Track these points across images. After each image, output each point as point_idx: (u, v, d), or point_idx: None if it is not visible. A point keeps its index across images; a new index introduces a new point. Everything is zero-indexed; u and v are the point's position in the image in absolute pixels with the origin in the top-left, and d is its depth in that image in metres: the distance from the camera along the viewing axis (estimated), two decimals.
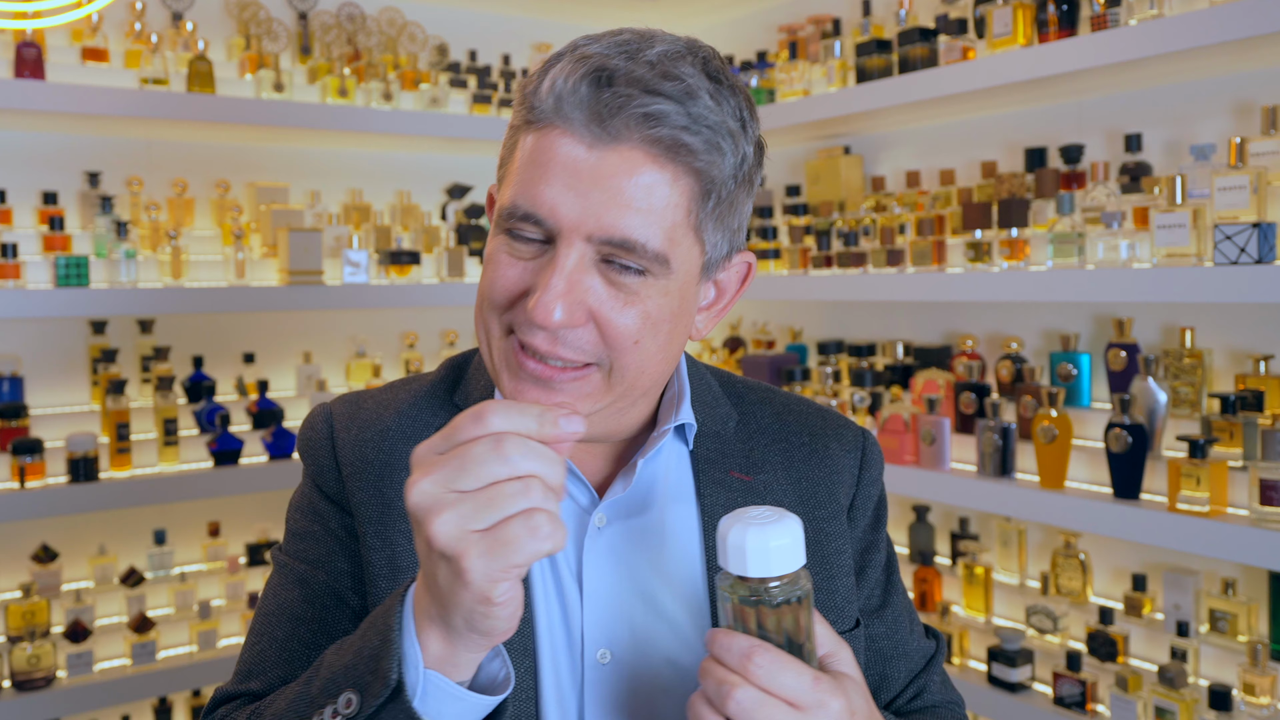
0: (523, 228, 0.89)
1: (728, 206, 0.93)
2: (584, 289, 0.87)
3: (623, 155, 0.86)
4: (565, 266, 0.87)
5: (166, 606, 2.60)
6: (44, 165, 2.60)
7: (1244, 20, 1.72)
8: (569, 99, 0.86)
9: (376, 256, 2.80)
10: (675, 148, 0.86)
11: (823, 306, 2.95)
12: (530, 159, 0.89)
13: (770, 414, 1.10)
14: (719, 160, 0.89)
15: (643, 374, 0.92)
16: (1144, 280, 1.87)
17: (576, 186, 0.86)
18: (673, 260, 0.90)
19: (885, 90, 2.38)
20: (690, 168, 0.88)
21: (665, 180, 0.87)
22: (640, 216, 0.86)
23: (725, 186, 0.91)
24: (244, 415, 2.69)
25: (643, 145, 0.86)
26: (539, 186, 0.87)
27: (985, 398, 2.28)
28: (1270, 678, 1.83)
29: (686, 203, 0.89)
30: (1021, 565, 2.36)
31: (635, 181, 0.86)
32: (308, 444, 1.06)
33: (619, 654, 0.95)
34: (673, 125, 0.86)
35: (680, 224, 0.89)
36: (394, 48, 3.01)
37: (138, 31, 2.59)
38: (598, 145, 0.86)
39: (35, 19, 2.21)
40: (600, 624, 0.95)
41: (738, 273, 1.01)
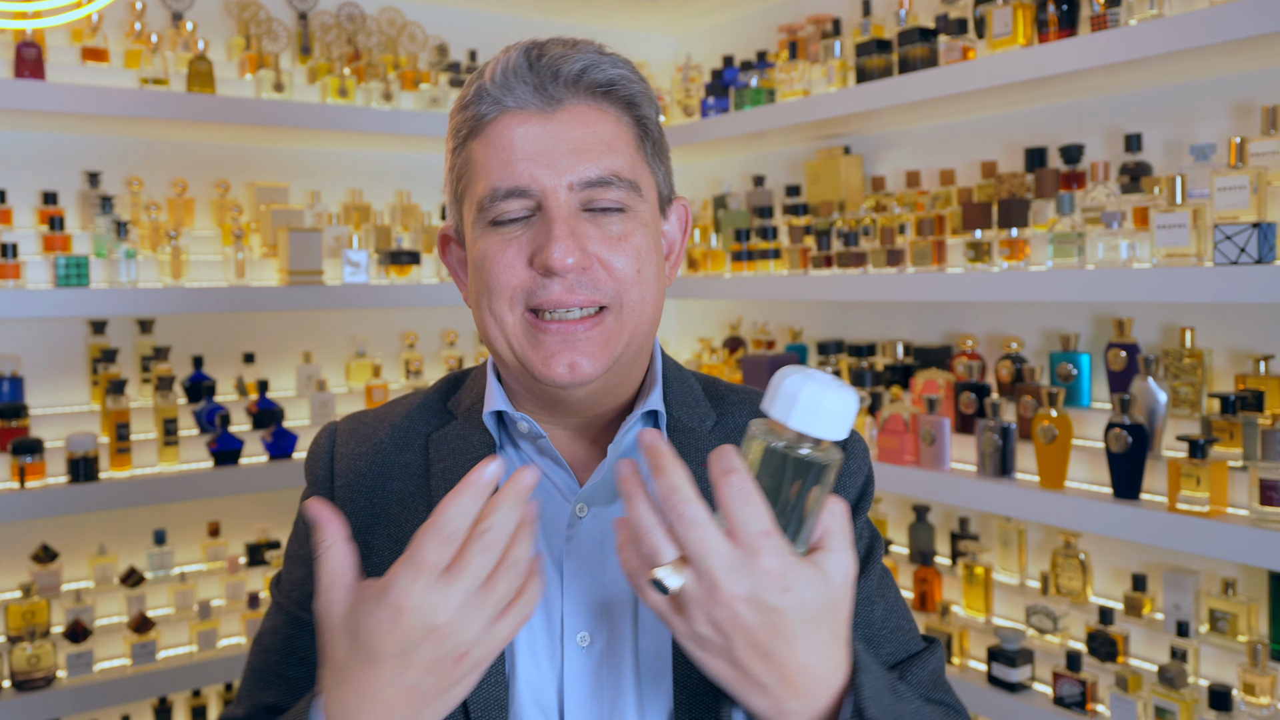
0: (507, 207, 0.98)
1: (661, 147, 1.07)
2: (582, 234, 0.97)
3: (572, 112, 0.99)
4: (562, 215, 0.97)
5: (166, 606, 2.60)
6: (44, 165, 2.60)
7: (1244, 20, 1.72)
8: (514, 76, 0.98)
9: (376, 256, 2.80)
10: (610, 92, 1.01)
11: (823, 306, 2.95)
12: (493, 151, 0.99)
13: (748, 414, 1.12)
14: (644, 102, 1.04)
15: (646, 307, 1.01)
16: (1144, 280, 1.87)
17: (544, 151, 0.97)
18: (642, 186, 1.02)
19: (885, 90, 2.38)
20: (625, 107, 1.02)
21: (611, 120, 1.01)
22: (606, 154, 0.99)
23: (655, 125, 1.05)
24: (244, 415, 2.69)
25: (585, 98, 1.00)
26: (511, 165, 0.98)
27: (985, 398, 2.28)
28: (1270, 678, 1.83)
29: (632, 137, 1.03)
30: (1021, 565, 2.36)
31: (590, 130, 0.99)
32: (310, 457, 1.13)
33: (598, 638, 0.98)
34: (604, 73, 1.00)
35: (635, 155, 1.02)
36: (394, 48, 3.01)
37: (138, 31, 2.59)
38: (548, 111, 0.98)
39: (35, 19, 2.21)
40: (580, 608, 0.99)
41: (679, 219, 1.12)
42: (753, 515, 0.74)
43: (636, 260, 1.00)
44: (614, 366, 1.00)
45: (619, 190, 0.99)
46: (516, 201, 0.98)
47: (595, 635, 0.98)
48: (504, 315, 0.99)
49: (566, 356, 0.97)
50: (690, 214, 1.14)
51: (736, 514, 0.74)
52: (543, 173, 0.97)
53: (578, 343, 0.97)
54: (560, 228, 0.96)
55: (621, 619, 0.99)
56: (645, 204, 1.03)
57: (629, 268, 0.99)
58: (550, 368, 0.97)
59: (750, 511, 0.74)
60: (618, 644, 0.98)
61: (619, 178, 0.99)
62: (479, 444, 1.07)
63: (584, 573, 1.00)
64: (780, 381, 0.76)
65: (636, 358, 1.04)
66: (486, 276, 1.00)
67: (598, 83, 1.00)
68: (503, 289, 0.98)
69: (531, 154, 0.97)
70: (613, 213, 0.99)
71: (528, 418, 1.03)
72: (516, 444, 1.08)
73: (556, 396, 1.02)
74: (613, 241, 0.99)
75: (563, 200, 0.97)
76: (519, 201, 0.98)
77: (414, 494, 1.06)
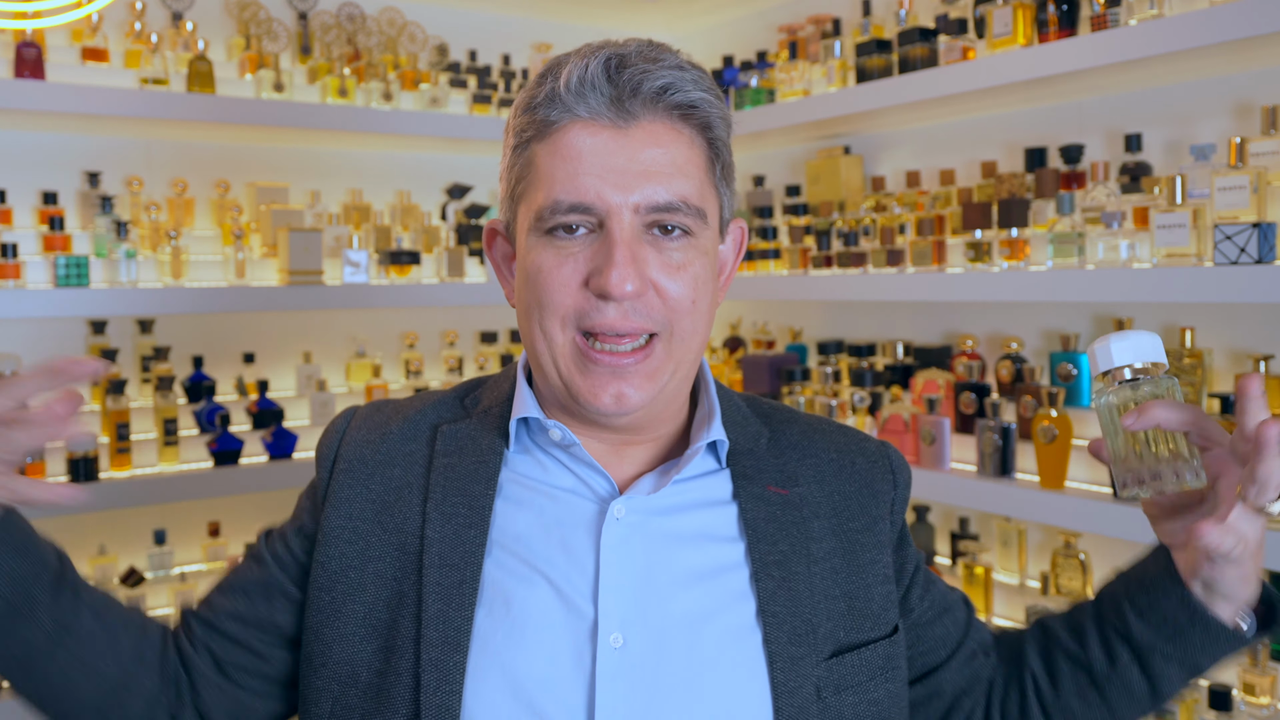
0: (569, 220, 0.95)
1: (728, 170, 1.05)
2: (642, 260, 0.96)
3: (646, 130, 0.96)
4: (624, 239, 0.95)
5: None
6: (44, 165, 2.60)
7: (1244, 20, 1.72)
8: (590, 87, 0.95)
9: (376, 256, 2.80)
10: (688, 113, 0.98)
11: (823, 306, 2.95)
12: (559, 160, 0.96)
13: (798, 431, 1.14)
14: (719, 122, 1.01)
15: (695, 336, 1.00)
16: (1144, 280, 1.87)
17: (613, 168, 0.94)
18: (708, 213, 1.00)
19: (885, 90, 2.38)
20: (700, 129, 0.99)
21: (685, 143, 0.98)
22: (677, 178, 0.96)
23: (725, 147, 1.03)
24: (244, 415, 2.69)
25: (662, 117, 0.97)
26: (578, 178, 0.95)
27: (985, 398, 2.28)
28: (1270, 678, 1.83)
29: (704, 161, 1.00)
30: (1021, 565, 2.36)
31: (664, 151, 0.96)
32: (323, 435, 1.14)
33: (632, 639, 0.96)
34: (684, 93, 0.97)
35: (705, 180, 1.00)
36: (394, 48, 3.01)
37: (138, 31, 2.59)
38: (622, 126, 0.95)
39: (35, 19, 2.21)
40: (615, 608, 0.96)
41: (734, 240, 1.11)
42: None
43: (693, 290, 0.98)
44: (660, 396, 1.00)
45: (685, 216, 0.97)
46: (578, 216, 0.96)
47: (629, 636, 0.96)
48: (555, 334, 0.98)
49: (614, 388, 0.97)
50: (746, 235, 1.13)
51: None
52: (610, 191, 0.94)
53: (626, 375, 0.97)
54: (622, 252, 0.94)
55: (657, 621, 0.97)
56: (708, 230, 1.01)
57: (685, 297, 0.98)
58: (597, 398, 0.97)
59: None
60: (654, 648, 0.96)
61: (687, 204, 0.97)
62: (488, 445, 1.06)
63: (621, 573, 0.98)
64: (1102, 345, 0.94)
65: (682, 384, 1.04)
66: (540, 292, 0.98)
67: (678, 105, 0.97)
68: (556, 308, 0.97)
69: (600, 169, 0.95)
70: (676, 238, 0.98)
71: (561, 425, 1.02)
72: (546, 450, 1.06)
73: (597, 423, 1.02)
74: (672, 270, 0.97)
75: (626, 223, 0.95)
76: (580, 217, 0.96)
77: (412, 483, 1.05)
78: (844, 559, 1.06)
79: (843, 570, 1.05)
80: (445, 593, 0.98)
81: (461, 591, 0.98)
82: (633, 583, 0.98)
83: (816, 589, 1.02)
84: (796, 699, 0.97)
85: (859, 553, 1.07)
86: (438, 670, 0.95)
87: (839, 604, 1.04)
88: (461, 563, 0.99)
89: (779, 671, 0.97)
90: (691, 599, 0.99)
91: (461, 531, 1.01)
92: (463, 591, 0.98)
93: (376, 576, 1.02)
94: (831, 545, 1.06)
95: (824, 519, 1.07)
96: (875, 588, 1.06)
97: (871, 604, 1.06)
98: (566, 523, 1.01)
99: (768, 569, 1.01)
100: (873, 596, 1.06)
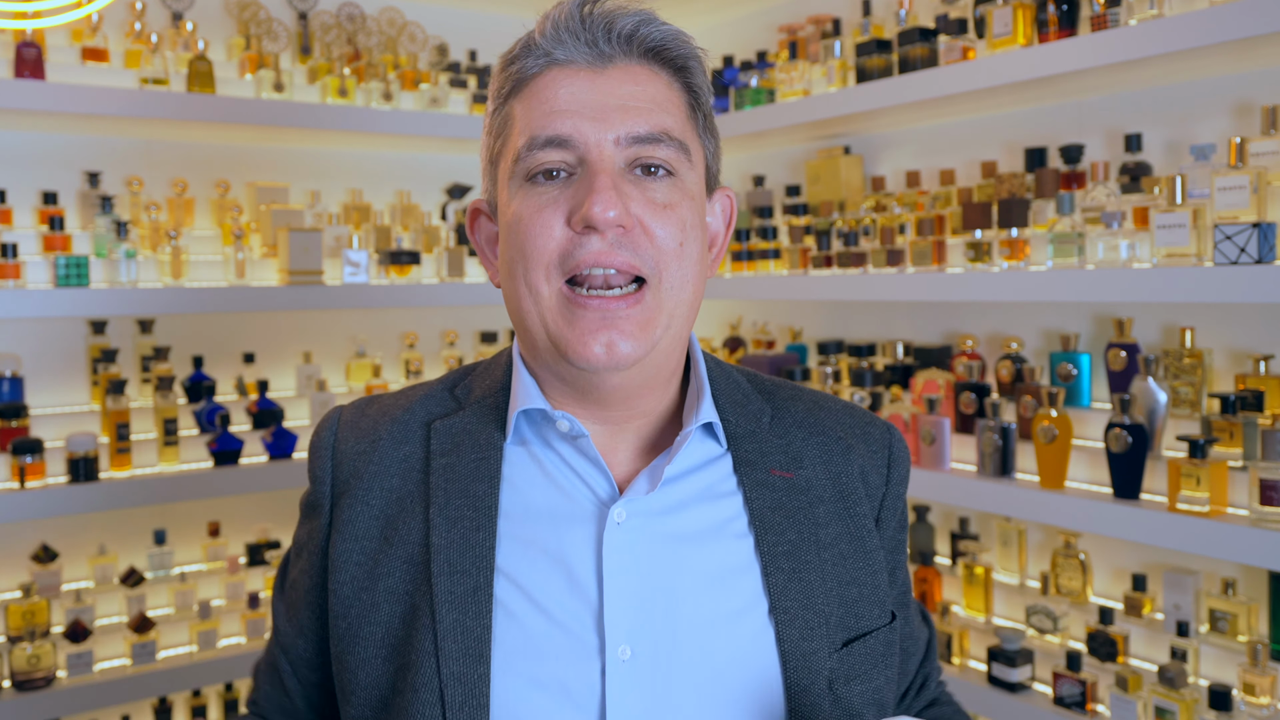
0: (546, 157, 0.93)
1: (710, 120, 1.03)
2: (625, 194, 0.92)
3: (622, 69, 0.95)
4: (606, 168, 0.93)
5: (166, 606, 2.60)
6: (44, 165, 2.60)
7: (1244, 20, 1.72)
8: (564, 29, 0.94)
9: (376, 256, 2.80)
10: (663, 52, 0.97)
11: (823, 306, 2.95)
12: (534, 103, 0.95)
13: (803, 408, 1.10)
14: (698, 70, 1.00)
15: (685, 287, 0.96)
16: (1144, 280, 1.87)
17: (591, 104, 0.93)
18: (691, 151, 0.97)
19: (885, 90, 2.38)
20: (678, 71, 0.99)
21: (663, 83, 0.97)
22: (656, 111, 0.95)
23: (705, 98, 1.01)
24: (244, 415, 2.69)
25: (637, 57, 0.96)
26: (554, 116, 0.93)
27: (985, 398, 2.28)
28: (1270, 678, 1.83)
29: (684, 104, 0.99)
30: (1021, 565, 2.36)
31: (641, 88, 0.95)
32: (312, 453, 1.08)
33: (640, 650, 0.92)
34: (659, 35, 0.96)
35: (685, 120, 0.98)
36: (394, 48, 3.01)
37: (138, 31, 2.59)
38: (598, 67, 0.95)
39: (35, 19, 2.20)
40: (622, 620, 0.93)
41: (723, 210, 1.07)
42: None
43: (680, 232, 0.94)
44: (652, 353, 0.95)
45: (668, 149, 0.94)
46: (556, 152, 0.93)
47: (637, 647, 0.93)
48: (540, 286, 0.93)
49: (604, 335, 0.91)
50: (735, 206, 1.09)
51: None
52: (587, 125, 0.92)
53: (616, 320, 0.92)
54: (603, 179, 0.90)
55: (665, 630, 0.93)
56: (694, 174, 0.98)
57: (671, 238, 0.93)
58: (586, 346, 0.91)
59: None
60: (663, 657, 0.93)
61: (669, 136, 0.94)
62: (486, 439, 1.01)
63: (625, 583, 0.94)
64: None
65: (674, 346, 0.98)
66: (521, 240, 0.94)
67: (652, 40, 0.96)
68: (539, 254, 0.92)
69: (577, 107, 0.92)
70: (660, 177, 0.94)
71: (570, 416, 0.97)
72: (549, 442, 1.01)
73: (590, 384, 0.96)
74: (657, 208, 0.93)
75: (608, 154, 0.92)
76: (558, 153, 0.93)
77: (412, 491, 1.00)
78: (851, 544, 1.03)
79: (850, 555, 1.03)
80: (459, 601, 0.93)
81: (477, 599, 0.93)
82: (637, 592, 0.94)
83: (828, 576, 1.00)
84: (810, 696, 0.94)
85: (864, 538, 1.04)
86: (462, 684, 0.91)
87: (850, 590, 1.01)
88: (473, 568, 0.95)
89: (792, 671, 0.95)
90: (699, 603, 0.95)
91: (469, 535, 0.96)
92: (478, 599, 0.93)
93: (389, 593, 0.97)
94: (838, 530, 1.03)
95: (829, 503, 1.04)
96: (879, 574, 1.04)
97: (878, 590, 1.03)
98: (567, 530, 0.96)
99: (777, 561, 0.98)
100: (878, 584, 1.04)
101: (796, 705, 0.94)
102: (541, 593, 0.94)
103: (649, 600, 0.94)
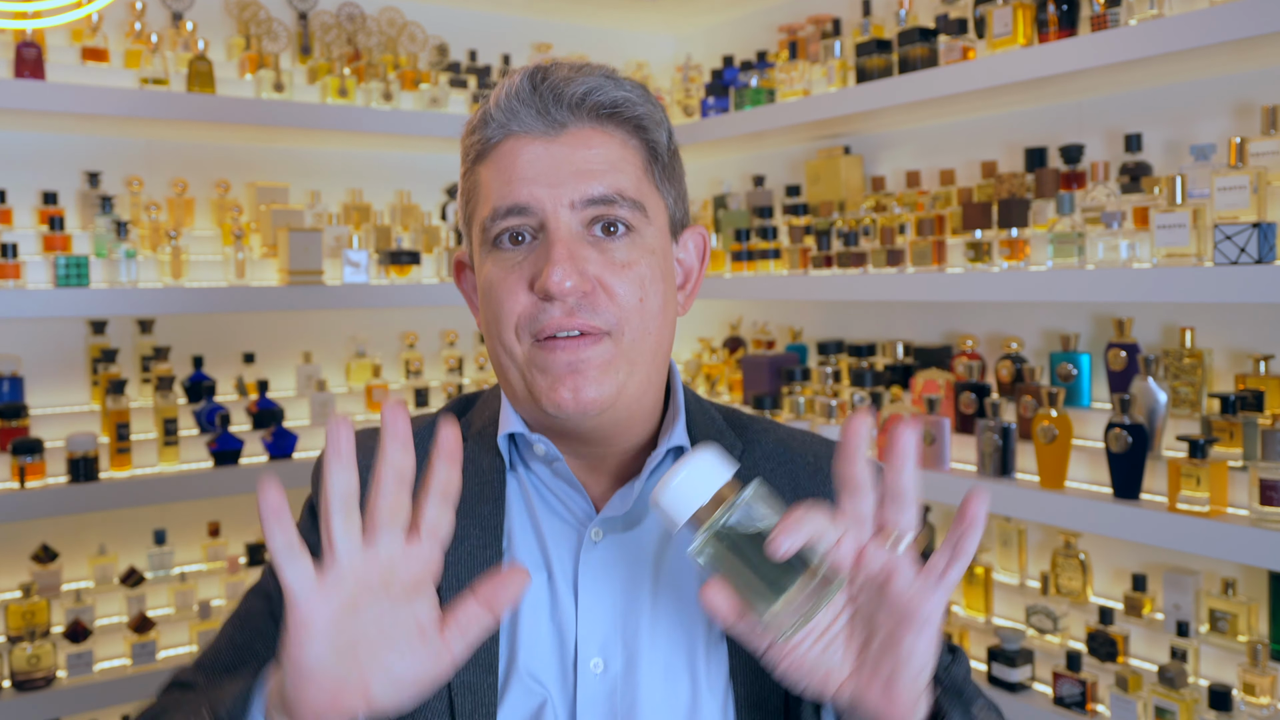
0: (509, 224, 0.97)
1: (672, 171, 1.05)
2: (583, 258, 0.95)
3: (575, 135, 0.98)
4: (562, 236, 0.95)
5: (166, 606, 2.60)
6: (44, 165, 2.60)
7: (1244, 20, 1.72)
8: (517, 100, 0.98)
9: (376, 256, 2.80)
10: (615, 115, 0.99)
11: (823, 306, 2.95)
12: (496, 172, 0.99)
13: (774, 440, 1.13)
14: (652, 125, 1.02)
15: (647, 338, 0.99)
16: (1144, 280, 1.87)
17: (546, 170, 0.96)
18: (649, 208, 1.00)
19: (885, 90, 2.38)
20: (632, 130, 1.00)
21: (617, 143, 0.99)
22: (610, 173, 0.97)
23: (664, 149, 1.03)
24: (244, 415, 2.69)
25: (589, 121, 0.98)
26: (513, 185, 0.97)
27: (985, 398, 2.27)
28: (1270, 678, 1.83)
29: (640, 160, 1.01)
30: (1021, 565, 2.36)
31: (594, 151, 0.98)
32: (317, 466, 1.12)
33: (612, 663, 0.98)
34: (608, 96, 0.98)
35: (642, 177, 1.00)
36: (394, 48, 3.01)
37: (138, 31, 2.59)
38: (552, 133, 0.97)
39: (35, 19, 2.21)
40: (595, 634, 0.98)
41: (695, 247, 1.10)
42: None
43: (639, 289, 0.97)
44: (621, 398, 0.98)
45: (624, 209, 0.97)
46: (516, 219, 0.97)
47: (610, 661, 0.98)
48: (513, 346, 0.98)
49: (570, 382, 0.95)
50: (709, 242, 1.12)
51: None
52: (543, 192, 0.96)
53: (580, 367, 0.95)
54: (559, 250, 0.94)
55: (636, 645, 0.98)
56: (652, 228, 1.01)
57: (630, 296, 0.97)
58: (555, 392, 0.95)
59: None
60: (633, 670, 0.98)
61: (623, 196, 0.97)
62: (489, 467, 1.06)
63: (599, 598, 1.00)
64: (667, 498, 0.82)
65: (645, 389, 1.02)
66: (493, 304, 0.98)
67: (602, 105, 0.98)
68: (508, 317, 0.97)
69: (533, 175, 0.96)
70: (619, 236, 0.98)
71: (545, 439, 1.02)
72: (530, 467, 1.06)
73: (565, 428, 1.00)
74: (616, 268, 0.97)
75: (563, 221, 0.96)
76: (518, 220, 0.96)
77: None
78: None
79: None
80: None
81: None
82: (610, 607, 0.99)
83: None
84: (762, 711, 0.98)
85: None
86: (472, 693, 0.96)
87: None
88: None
89: (740, 685, 0.98)
90: (667, 618, 1.00)
91: (476, 553, 1.01)
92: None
93: None
94: None
95: None
96: None
97: None
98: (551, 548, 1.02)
99: None
100: None
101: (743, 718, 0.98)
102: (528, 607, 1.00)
103: (621, 616, 0.99)
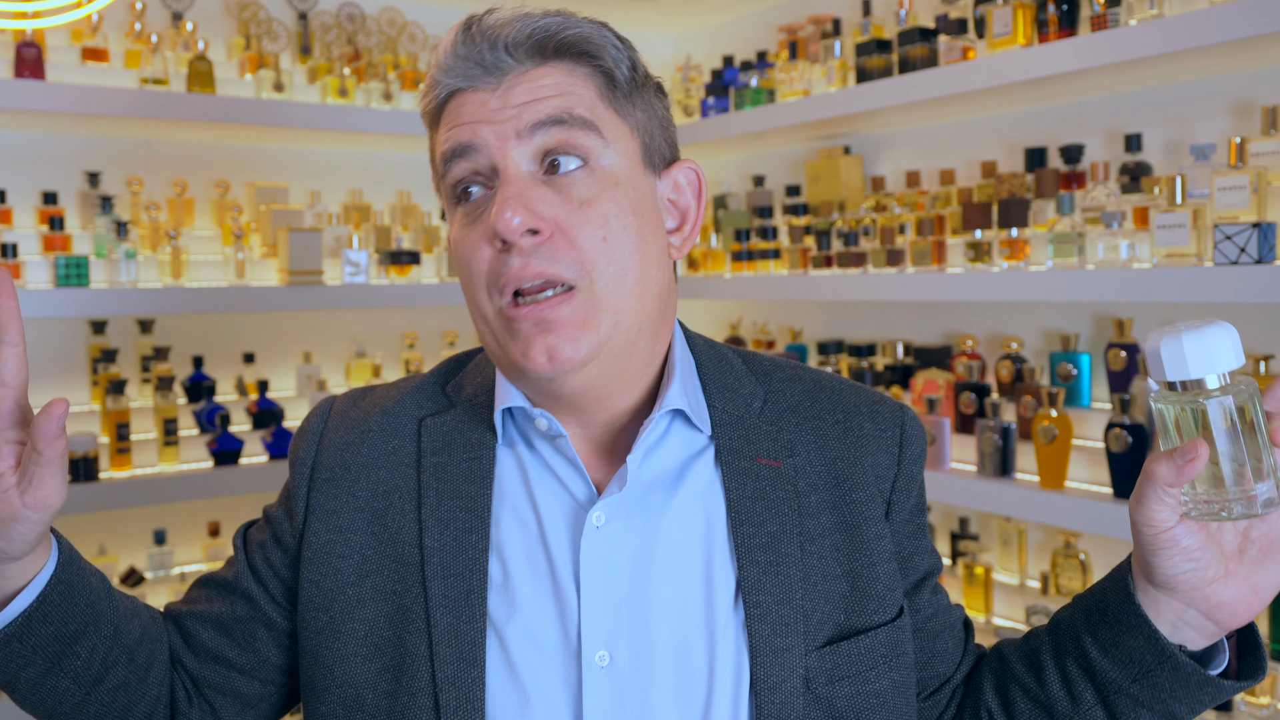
0: (461, 172, 0.92)
1: (639, 95, 0.97)
2: (535, 197, 0.89)
3: (517, 76, 0.92)
4: (510, 175, 0.90)
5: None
6: (44, 165, 2.60)
7: (1244, 20, 1.72)
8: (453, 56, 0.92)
9: (376, 256, 2.80)
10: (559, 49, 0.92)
11: (823, 306, 2.95)
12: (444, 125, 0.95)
13: (800, 391, 1.05)
14: (602, 53, 0.94)
15: (623, 282, 0.90)
16: (1144, 280, 1.87)
17: (491, 109, 0.91)
18: (605, 131, 0.92)
19: (885, 90, 2.38)
20: (578, 58, 0.93)
21: (562, 72, 0.92)
22: (557, 98, 0.91)
23: (623, 74, 0.95)
24: (244, 415, 2.69)
25: (530, 60, 0.92)
26: (458, 129, 0.92)
27: (985, 398, 2.28)
28: (1270, 678, 1.83)
29: (593, 85, 0.93)
30: (1021, 565, 2.36)
31: (537, 83, 0.91)
32: (299, 435, 1.08)
33: (618, 656, 0.91)
34: (545, 30, 0.92)
35: (595, 100, 0.93)
36: (394, 48, 3.01)
37: (138, 31, 2.59)
38: (493, 80, 0.92)
39: (35, 19, 2.21)
40: (599, 625, 0.91)
41: (689, 184, 1.01)
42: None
43: (602, 228, 0.89)
44: (605, 351, 0.91)
45: (575, 131, 0.90)
46: (465, 163, 0.91)
47: (615, 653, 0.91)
48: (485, 307, 0.92)
49: (542, 343, 0.88)
50: (703, 178, 1.02)
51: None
52: (486, 129, 0.90)
53: (553, 325, 0.88)
54: (508, 189, 0.88)
55: (644, 635, 0.92)
56: (614, 155, 0.93)
57: (592, 237, 0.89)
58: (529, 358, 0.89)
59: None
60: (641, 662, 0.91)
61: (571, 115, 0.90)
62: (477, 439, 0.99)
63: (603, 587, 0.92)
64: (1160, 347, 0.82)
65: (634, 341, 0.93)
66: (461, 264, 0.94)
67: (541, 43, 0.92)
68: (477, 275, 0.92)
69: (477, 116, 0.91)
70: (574, 172, 0.90)
71: (547, 414, 0.95)
72: (531, 442, 0.99)
73: (551, 391, 0.93)
74: (574, 208, 0.89)
75: (512, 158, 0.90)
76: (468, 163, 0.91)
77: (401, 486, 1.00)
78: (846, 534, 0.98)
79: (844, 547, 0.98)
80: (454, 605, 0.93)
81: (470, 603, 0.93)
82: (615, 597, 0.92)
83: (813, 570, 0.96)
84: (779, 695, 0.92)
85: (863, 527, 0.99)
86: (457, 689, 0.91)
87: (840, 584, 0.97)
88: (466, 571, 0.94)
89: (760, 668, 0.92)
90: (675, 604, 0.93)
91: (462, 538, 0.95)
92: (471, 602, 0.93)
93: (376, 591, 0.97)
94: (831, 520, 0.99)
95: (822, 491, 0.99)
96: (880, 566, 0.99)
97: (876, 584, 0.98)
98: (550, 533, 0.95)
99: (752, 555, 0.94)
100: (877, 575, 0.99)
101: (763, 704, 0.91)
102: (525, 597, 0.94)
103: (627, 604, 0.92)
